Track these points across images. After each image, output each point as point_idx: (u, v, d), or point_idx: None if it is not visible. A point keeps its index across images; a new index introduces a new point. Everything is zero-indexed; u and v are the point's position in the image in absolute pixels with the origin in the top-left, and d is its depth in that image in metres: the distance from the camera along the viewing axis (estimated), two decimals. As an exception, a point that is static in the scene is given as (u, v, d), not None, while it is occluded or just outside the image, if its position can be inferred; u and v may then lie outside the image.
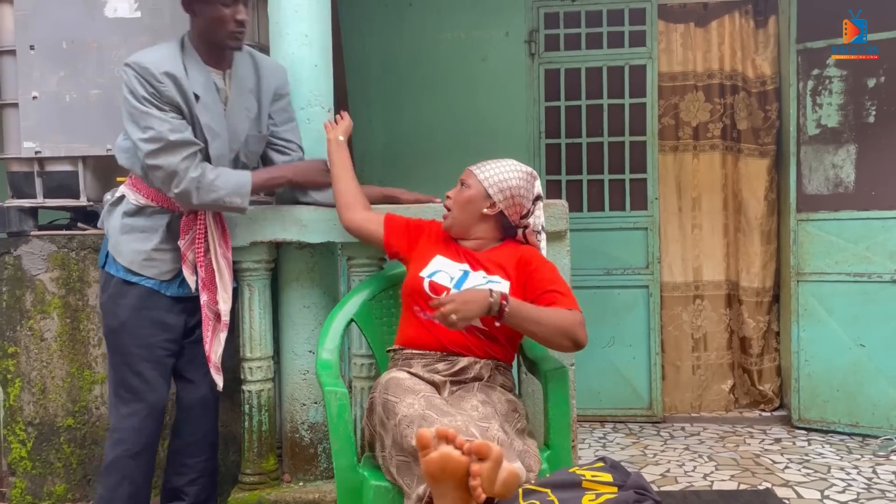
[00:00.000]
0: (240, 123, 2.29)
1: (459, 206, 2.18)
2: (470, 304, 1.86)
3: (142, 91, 2.17)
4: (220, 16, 2.17)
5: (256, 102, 2.34)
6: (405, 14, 4.26)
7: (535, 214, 2.21)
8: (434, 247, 2.22)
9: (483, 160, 2.23)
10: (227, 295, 2.31)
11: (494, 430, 1.82)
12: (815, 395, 3.92)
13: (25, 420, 2.91)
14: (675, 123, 4.30)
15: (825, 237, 3.87)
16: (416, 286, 2.13)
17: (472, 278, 2.11)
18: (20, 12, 2.85)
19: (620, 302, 4.16)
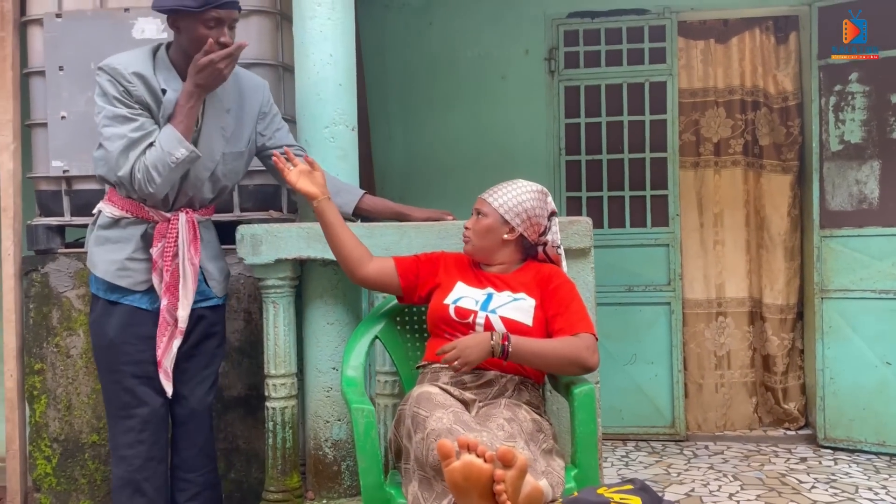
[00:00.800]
0: (214, 142, 2.29)
1: (479, 235, 2.21)
2: (471, 349, 1.96)
3: (112, 91, 2.20)
4: (201, 37, 2.16)
5: (234, 121, 2.32)
6: (425, 32, 4.30)
7: (552, 230, 2.25)
8: (455, 275, 2.24)
9: (499, 179, 2.26)
10: (186, 302, 2.27)
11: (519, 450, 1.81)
12: (841, 413, 3.87)
13: (51, 436, 2.93)
14: (695, 139, 4.29)
15: (849, 254, 3.83)
16: (442, 314, 2.15)
17: (496, 298, 2.14)
18: (49, 34, 2.90)
19: (642, 319, 4.14)
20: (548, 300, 2.13)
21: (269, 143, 2.45)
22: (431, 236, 2.44)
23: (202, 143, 2.28)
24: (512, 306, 2.12)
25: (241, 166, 2.42)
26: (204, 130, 2.28)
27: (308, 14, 2.54)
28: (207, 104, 2.28)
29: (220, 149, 2.31)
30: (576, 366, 2.01)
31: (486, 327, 2.10)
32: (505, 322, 2.09)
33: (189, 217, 2.29)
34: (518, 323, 2.09)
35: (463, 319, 2.12)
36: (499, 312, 2.11)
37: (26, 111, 3.04)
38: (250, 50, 2.81)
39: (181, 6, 2.15)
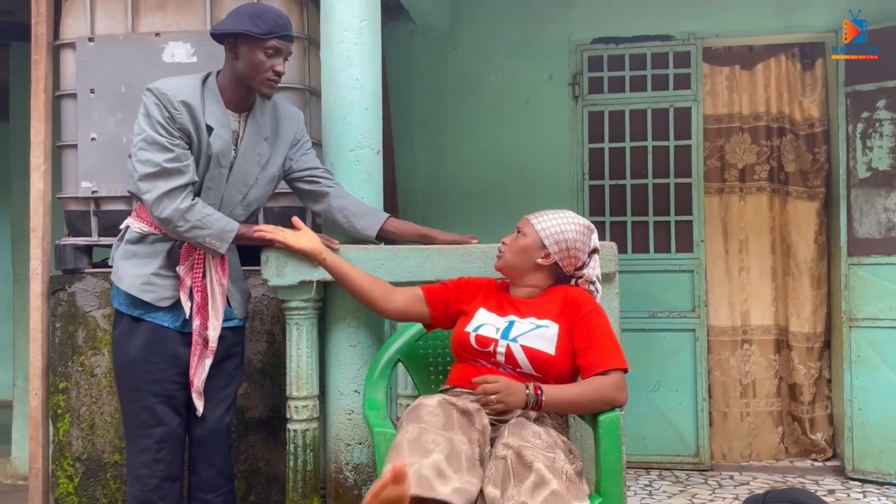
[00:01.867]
0: (250, 167, 2.35)
1: (514, 252, 2.20)
2: (511, 396, 1.94)
3: (157, 115, 2.23)
4: (260, 62, 2.24)
5: (270, 148, 2.38)
6: (450, 57, 4.33)
7: (590, 266, 2.23)
8: (481, 300, 2.23)
9: (523, 203, 2.30)
10: (217, 322, 2.31)
11: (561, 462, 1.81)
12: (870, 445, 3.79)
13: (74, 455, 2.95)
14: (720, 165, 4.27)
15: (878, 282, 3.78)
16: (463, 341, 2.15)
17: (517, 326, 2.11)
18: (82, 57, 2.96)
19: (666, 345, 4.09)
20: (577, 331, 2.09)
21: (296, 165, 2.49)
22: (455, 259, 2.43)
23: (238, 166, 2.33)
24: (534, 335, 2.08)
25: (271, 190, 2.47)
26: (241, 155, 2.34)
27: (335, 39, 2.57)
28: (248, 130, 2.34)
29: (255, 174, 2.36)
30: (606, 405, 2.03)
31: (507, 356, 2.07)
32: (526, 351, 2.06)
33: None
34: (540, 352, 2.06)
35: (484, 348, 2.10)
36: (520, 341, 2.08)
37: (57, 133, 3.10)
38: (278, 74, 2.85)
39: (247, 31, 2.22)
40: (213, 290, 2.31)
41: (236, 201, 2.36)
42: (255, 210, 2.48)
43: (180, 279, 2.30)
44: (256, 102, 2.37)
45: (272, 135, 2.39)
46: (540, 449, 1.80)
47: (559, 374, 2.06)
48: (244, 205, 2.39)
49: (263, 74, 2.26)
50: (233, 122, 2.33)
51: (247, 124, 2.35)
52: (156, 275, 2.31)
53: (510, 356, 2.07)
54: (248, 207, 2.42)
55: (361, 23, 2.57)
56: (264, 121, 2.37)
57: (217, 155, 2.29)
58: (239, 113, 2.35)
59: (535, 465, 1.76)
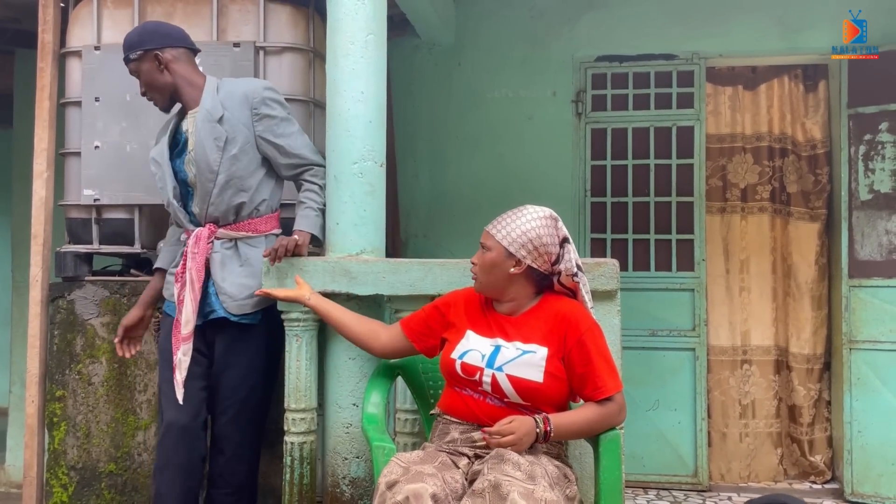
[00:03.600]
0: (210, 153, 2.46)
1: (484, 271, 2.08)
2: (525, 437, 1.92)
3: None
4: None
5: (225, 127, 2.48)
6: (454, 73, 4.34)
7: (565, 258, 2.08)
8: (466, 320, 2.15)
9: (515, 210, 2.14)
10: (189, 309, 2.43)
11: (541, 491, 1.77)
12: (869, 468, 3.77)
13: (69, 464, 2.93)
14: (722, 185, 4.27)
15: (879, 304, 3.77)
16: (449, 369, 2.09)
17: (503, 353, 2.03)
18: (88, 66, 2.97)
19: (666, 364, 4.07)
20: (573, 355, 2.01)
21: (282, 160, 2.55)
22: (456, 273, 2.43)
23: (199, 156, 2.47)
24: (520, 362, 2.00)
25: (242, 170, 2.49)
26: (197, 145, 2.48)
27: (341, 52, 2.58)
28: (200, 119, 2.48)
29: (217, 158, 2.47)
30: (608, 428, 2.03)
31: (493, 386, 2.01)
32: (512, 381, 1.99)
33: (201, 231, 2.49)
34: (527, 381, 1.99)
35: (469, 377, 2.04)
36: (505, 370, 2.00)
37: (60, 140, 3.10)
38: (282, 85, 2.87)
39: None
40: (188, 279, 2.45)
41: (209, 189, 2.48)
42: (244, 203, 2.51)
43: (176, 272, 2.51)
44: (206, 91, 2.52)
45: (227, 113, 2.49)
46: (519, 481, 1.78)
47: (548, 400, 2.02)
48: (223, 189, 2.48)
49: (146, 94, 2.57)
50: (185, 124, 2.57)
51: (197, 116, 2.50)
52: (170, 273, 2.59)
53: (496, 386, 2.00)
54: (231, 190, 2.48)
55: (367, 36, 2.58)
56: (214, 104, 2.49)
57: (154, 159, 2.56)
58: (187, 113, 2.56)
59: (511, 496, 1.73)
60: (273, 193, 2.58)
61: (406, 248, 4.25)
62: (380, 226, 2.62)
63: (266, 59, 2.91)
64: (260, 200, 2.54)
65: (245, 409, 2.53)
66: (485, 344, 2.06)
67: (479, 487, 1.79)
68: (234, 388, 2.51)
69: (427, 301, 2.47)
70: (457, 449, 2.02)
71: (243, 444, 2.54)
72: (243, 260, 2.51)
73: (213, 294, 2.49)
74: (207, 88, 2.51)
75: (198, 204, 2.50)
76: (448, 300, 2.23)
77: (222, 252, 2.49)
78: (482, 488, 1.78)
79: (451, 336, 2.14)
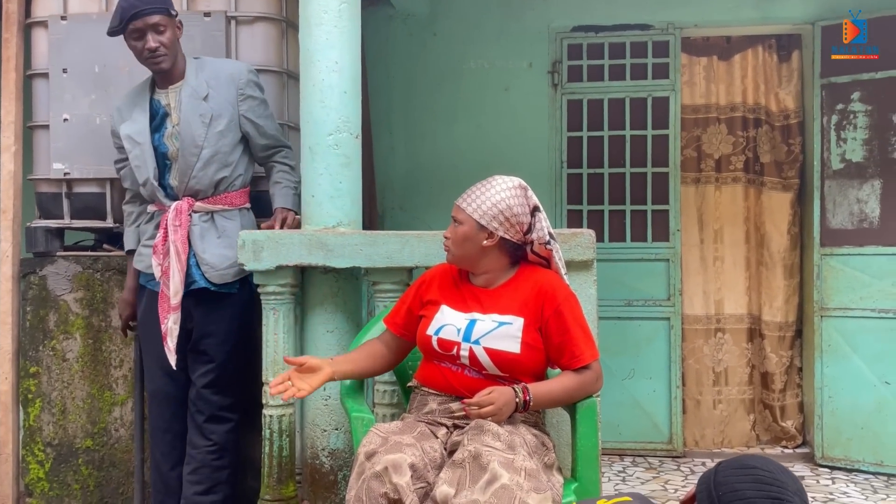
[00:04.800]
0: (196, 129, 2.52)
1: (457, 244, 2.06)
2: (505, 407, 1.92)
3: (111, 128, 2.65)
4: (134, 48, 2.51)
5: (211, 105, 2.53)
6: (429, 43, 4.30)
7: (537, 227, 2.07)
8: (440, 295, 2.13)
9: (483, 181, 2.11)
10: (175, 280, 2.49)
11: (521, 460, 1.79)
12: (839, 432, 3.85)
13: (44, 441, 2.91)
14: (697, 155, 4.30)
15: (849, 272, 3.83)
16: (426, 345, 2.09)
17: (479, 326, 2.03)
18: (54, 36, 2.90)
19: (641, 334, 4.12)
20: (550, 325, 2.02)
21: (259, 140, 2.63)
22: (433, 245, 2.42)
23: (184, 131, 2.52)
24: (497, 334, 2.00)
25: (227, 146, 2.57)
26: (183, 120, 2.52)
27: (315, 21, 2.54)
28: (184, 95, 2.52)
29: (203, 133, 2.52)
30: (585, 396, 2.06)
31: (471, 359, 2.01)
32: (490, 353, 1.99)
33: (181, 204, 2.52)
34: (504, 353, 1.99)
35: (447, 351, 2.04)
36: (483, 343, 2.00)
37: (28, 113, 3.04)
38: (255, 56, 2.83)
39: (111, 30, 2.50)
40: (170, 251, 2.50)
41: (192, 163, 2.52)
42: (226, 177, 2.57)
43: (154, 243, 2.53)
44: (188, 69, 2.56)
45: (213, 92, 2.54)
46: (499, 451, 1.79)
47: (526, 371, 2.03)
48: (207, 163, 2.53)
49: (143, 56, 2.50)
50: (163, 98, 2.57)
51: (181, 92, 2.53)
52: (144, 245, 2.62)
53: (474, 359, 2.01)
54: (215, 165, 2.54)
55: (341, 5, 2.54)
56: (199, 82, 2.54)
57: (129, 136, 2.56)
58: (167, 87, 2.57)
59: (491, 465, 1.75)
60: (247, 169, 2.67)
61: (383, 221, 4.24)
62: (356, 198, 2.61)
63: (238, 29, 2.86)
64: (237, 175, 2.61)
65: (224, 376, 2.59)
66: (459, 318, 2.06)
67: (459, 458, 1.81)
68: (213, 355, 2.57)
69: (405, 273, 2.47)
70: (435, 420, 2.03)
71: (223, 408, 2.59)
72: (220, 232, 2.57)
73: (195, 265, 2.54)
74: (189, 65, 2.57)
75: (177, 177, 2.56)
76: (423, 279, 2.22)
77: (200, 225, 2.55)
78: (462, 458, 1.79)
79: (427, 312, 2.13)
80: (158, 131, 2.57)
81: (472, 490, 1.72)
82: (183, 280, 2.51)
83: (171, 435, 2.63)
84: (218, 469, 2.57)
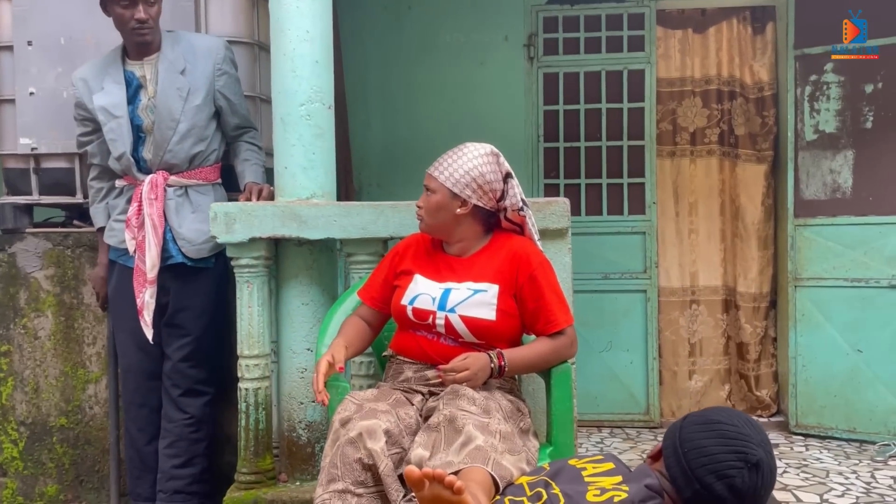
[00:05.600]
0: (173, 102, 2.50)
1: (430, 213, 2.05)
2: (480, 372, 1.93)
3: (74, 100, 2.59)
4: (121, 16, 2.44)
5: (188, 79, 2.52)
6: (404, 17, 4.26)
7: (510, 194, 2.06)
8: (413, 264, 2.12)
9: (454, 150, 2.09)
10: (150, 254, 2.48)
11: (496, 424, 1.80)
12: (813, 400, 3.91)
13: (17, 419, 2.88)
14: (672, 129, 4.31)
15: (823, 243, 3.87)
16: (401, 315, 2.08)
17: (454, 294, 2.02)
18: (18, 7, 2.83)
19: (618, 306, 4.15)
20: (525, 291, 2.02)
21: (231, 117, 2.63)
22: (408, 215, 2.40)
23: (161, 104, 2.50)
24: (472, 301, 2.00)
25: (205, 120, 2.56)
26: (160, 92, 2.49)
27: (285, -10, 2.50)
28: (161, 68, 2.50)
29: (180, 107, 2.50)
30: (560, 362, 2.07)
31: (447, 328, 2.00)
32: (466, 321, 1.99)
33: (156, 178, 2.50)
34: (480, 320, 1.99)
35: (422, 320, 2.03)
36: (458, 311, 1.99)
37: (-7, 87, 2.97)
38: (225, 27, 2.79)
39: None
40: (146, 225, 2.47)
41: (168, 137, 2.51)
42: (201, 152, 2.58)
43: (127, 218, 2.51)
44: (164, 42, 2.53)
45: (190, 66, 2.52)
46: (474, 414, 1.80)
47: (501, 337, 2.03)
48: (184, 137, 2.52)
49: (128, 26, 2.45)
50: (137, 70, 2.54)
51: (158, 64, 2.51)
52: (115, 220, 2.58)
53: (450, 327, 2.00)
54: (191, 139, 2.53)
55: (311, -26, 2.50)
56: (176, 55, 2.52)
57: (104, 108, 2.50)
58: (143, 59, 2.53)
59: (466, 428, 1.75)
60: (220, 145, 2.66)
61: (359, 196, 4.21)
62: (330, 169, 2.58)
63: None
64: (211, 150, 2.61)
65: (199, 349, 2.59)
66: (434, 287, 2.05)
67: (434, 422, 1.81)
68: (189, 329, 2.56)
69: (380, 244, 2.46)
70: (411, 387, 2.03)
71: (199, 382, 2.59)
72: (195, 206, 2.56)
73: (171, 240, 2.53)
74: (165, 39, 2.54)
75: (151, 151, 2.54)
76: (396, 250, 2.22)
77: (175, 199, 2.54)
78: (438, 422, 1.79)
79: (401, 282, 2.12)
80: (132, 103, 2.54)
81: (447, 452, 1.72)
82: (159, 254, 2.49)
83: (146, 409, 2.62)
84: (195, 442, 2.57)
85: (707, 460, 1.53)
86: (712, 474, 1.52)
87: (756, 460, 1.52)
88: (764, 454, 1.54)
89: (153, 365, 2.61)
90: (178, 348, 2.57)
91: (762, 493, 1.54)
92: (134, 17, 2.42)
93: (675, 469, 1.57)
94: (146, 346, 2.55)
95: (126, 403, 2.67)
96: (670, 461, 1.59)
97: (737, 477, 1.51)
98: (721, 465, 1.52)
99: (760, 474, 1.52)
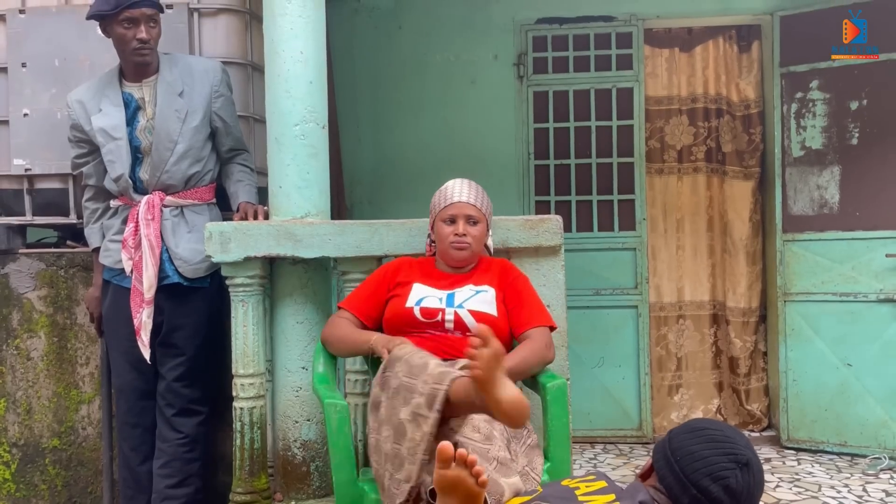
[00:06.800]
0: (171, 123, 2.52)
1: (478, 241, 2.24)
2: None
3: (69, 122, 2.60)
4: (123, 36, 2.46)
5: (187, 101, 2.54)
6: (395, 36, 4.30)
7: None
8: (411, 277, 2.25)
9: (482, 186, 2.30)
10: (147, 274, 2.48)
11: (496, 451, 1.82)
12: (804, 414, 3.93)
13: (10, 441, 2.86)
14: (660, 146, 4.35)
15: (811, 257, 3.91)
16: (406, 318, 2.15)
17: (459, 294, 2.17)
18: (13, 30, 2.85)
19: (610, 322, 4.17)
20: (507, 292, 2.21)
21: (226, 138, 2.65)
22: (403, 234, 2.43)
23: (159, 125, 2.51)
24: (477, 299, 2.16)
25: (202, 141, 2.58)
26: (159, 114, 2.51)
27: (279, 11, 2.53)
28: (160, 90, 2.51)
29: (178, 129, 2.52)
30: (542, 365, 2.15)
31: (456, 322, 2.11)
32: (474, 315, 2.12)
33: (153, 198, 2.51)
34: (486, 314, 2.13)
35: (430, 319, 2.13)
36: (466, 306, 2.14)
37: (-13, 108, 2.97)
38: (219, 48, 2.81)
39: (99, 12, 2.44)
40: (143, 245, 2.48)
41: (166, 158, 2.52)
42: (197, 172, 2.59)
43: (123, 238, 2.51)
44: (162, 64, 2.55)
45: (187, 88, 2.54)
46: (476, 442, 1.83)
47: (502, 335, 2.11)
48: (181, 158, 2.53)
49: (129, 46, 2.46)
50: (135, 91, 2.55)
51: (156, 86, 2.53)
52: (111, 241, 2.59)
53: (459, 321, 2.12)
54: (188, 160, 2.55)
55: (305, -5, 2.53)
56: (174, 77, 2.54)
57: (104, 130, 2.51)
58: (141, 80, 2.54)
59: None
60: (215, 165, 2.68)
61: (351, 214, 4.23)
62: (324, 188, 2.60)
63: (201, 21, 2.84)
64: (207, 171, 2.64)
65: (194, 369, 2.58)
66: (436, 291, 2.19)
67: None
68: (184, 348, 2.56)
69: (374, 262, 2.48)
70: None
71: (193, 401, 2.59)
72: (191, 226, 2.57)
73: (167, 260, 2.54)
74: (162, 60, 2.56)
75: (148, 171, 2.55)
76: (387, 269, 2.30)
77: (171, 219, 2.56)
78: None
79: (399, 292, 2.21)
80: (130, 125, 2.55)
81: None
82: (157, 274, 2.50)
83: (140, 429, 2.61)
84: (189, 462, 2.56)
85: (701, 464, 1.56)
86: (707, 477, 1.55)
87: (746, 460, 1.56)
88: (752, 455, 1.59)
89: (147, 384, 2.60)
90: (172, 368, 2.56)
91: (755, 491, 1.57)
92: (136, 37, 2.44)
93: (670, 479, 1.59)
94: (140, 366, 2.55)
95: (120, 423, 2.66)
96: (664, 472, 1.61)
97: (731, 477, 1.54)
98: (714, 467, 1.55)
99: (751, 473, 1.56)
